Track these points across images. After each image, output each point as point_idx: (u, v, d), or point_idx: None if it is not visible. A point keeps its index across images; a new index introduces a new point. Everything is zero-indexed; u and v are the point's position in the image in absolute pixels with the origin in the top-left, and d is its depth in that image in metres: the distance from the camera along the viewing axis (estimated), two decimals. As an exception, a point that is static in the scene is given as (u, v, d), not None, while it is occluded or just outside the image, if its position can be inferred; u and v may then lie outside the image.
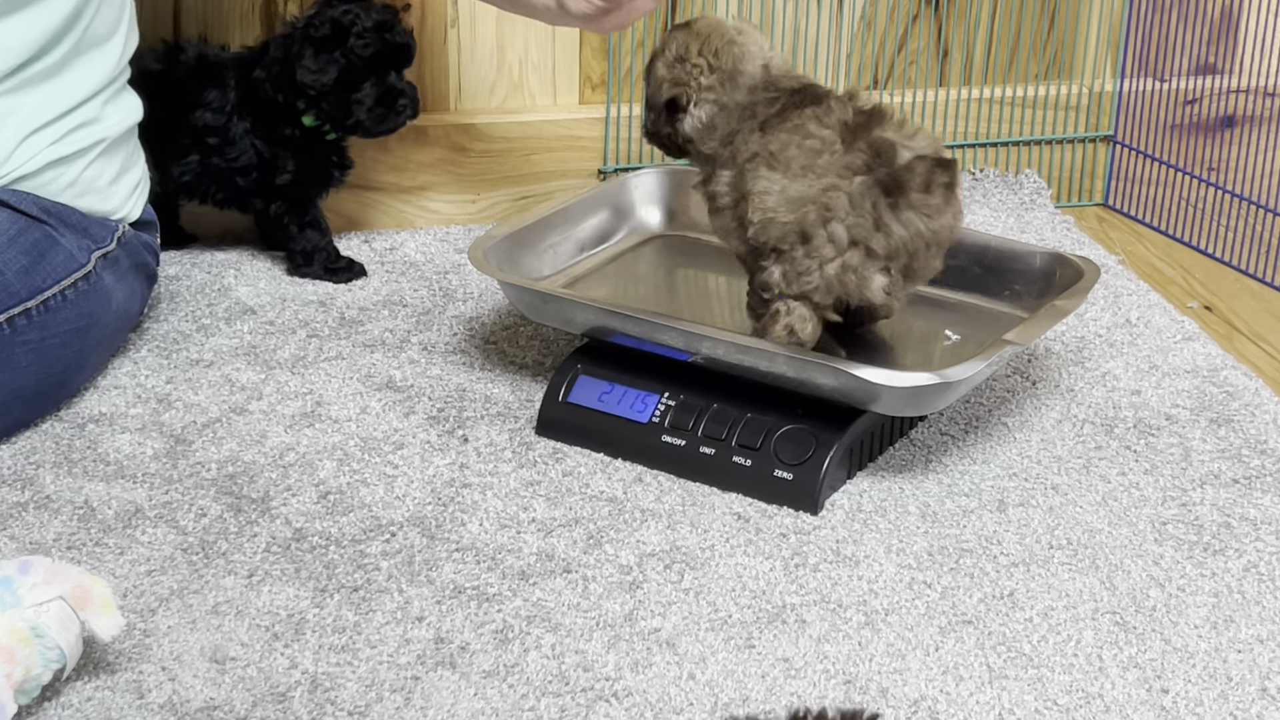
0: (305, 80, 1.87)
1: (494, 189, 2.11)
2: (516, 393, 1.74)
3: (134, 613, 1.39)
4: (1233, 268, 2.09)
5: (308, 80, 1.87)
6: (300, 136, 1.92)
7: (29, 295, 1.62)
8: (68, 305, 1.65)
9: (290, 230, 1.95)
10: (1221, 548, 1.53)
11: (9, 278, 1.60)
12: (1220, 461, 1.67)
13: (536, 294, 1.68)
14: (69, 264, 1.65)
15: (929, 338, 1.77)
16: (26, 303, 1.61)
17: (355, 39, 1.86)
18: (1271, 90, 2.16)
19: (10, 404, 1.61)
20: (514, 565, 1.47)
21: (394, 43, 1.88)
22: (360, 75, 1.88)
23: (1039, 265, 1.77)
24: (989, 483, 1.62)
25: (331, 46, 1.87)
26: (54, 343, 1.64)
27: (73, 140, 1.66)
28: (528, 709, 1.30)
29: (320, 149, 1.94)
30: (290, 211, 1.94)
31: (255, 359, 1.78)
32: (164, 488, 1.56)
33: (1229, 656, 1.39)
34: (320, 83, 1.87)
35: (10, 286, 1.60)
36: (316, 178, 1.95)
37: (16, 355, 1.60)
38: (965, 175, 2.22)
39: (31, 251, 1.63)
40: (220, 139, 1.91)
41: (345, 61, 1.87)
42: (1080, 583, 1.48)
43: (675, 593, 1.45)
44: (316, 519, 1.53)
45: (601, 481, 1.60)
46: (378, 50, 1.88)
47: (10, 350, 1.60)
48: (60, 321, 1.64)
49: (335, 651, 1.36)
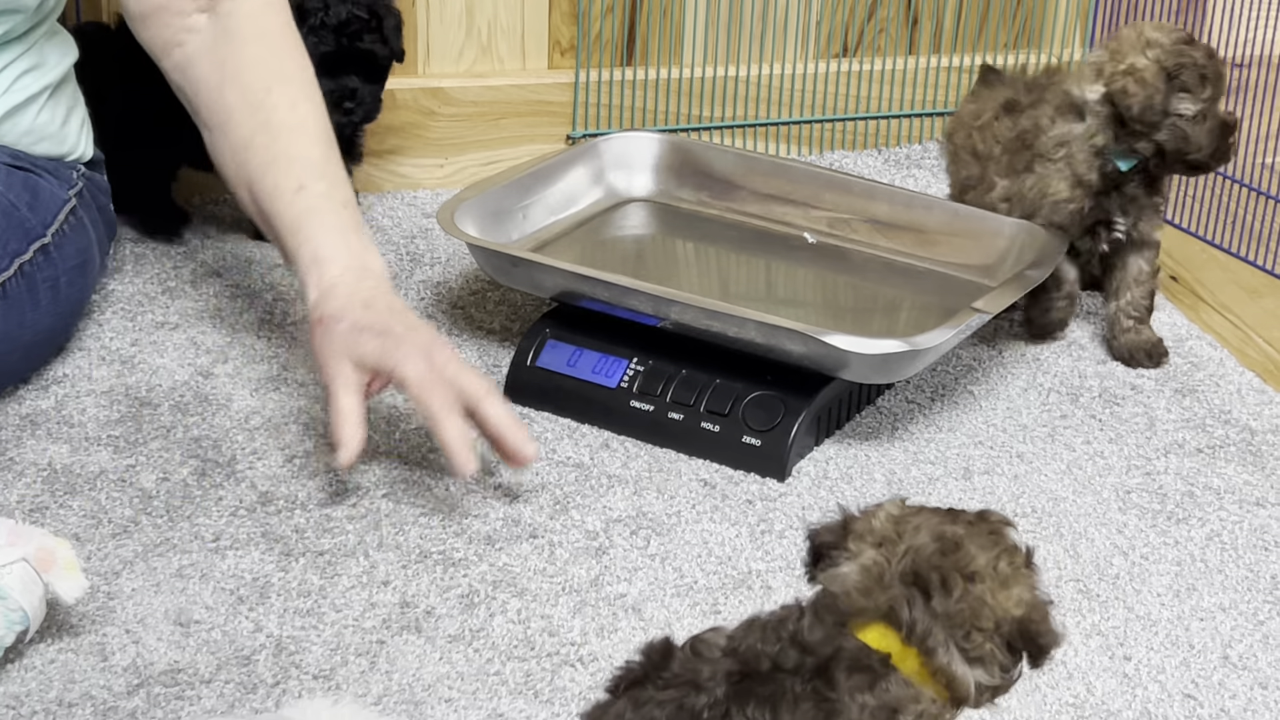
0: None
1: (462, 153, 2.10)
2: (484, 357, 1.74)
3: (98, 575, 1.38)
4: (1199, 239, 2.09)
5: None
6: None
7: (42, 230, 1.61)
8: (67, 241, 1.64)
9: None
10: (1185, 516, 1.54)
11: (24, 212, 1.60)
12: (1184, 431, 1.67)
13: (505, 257, 1.67)
14: (56, 199, 1.65)
15: (896, 305, 1.78)
16: (43, 238, 1.61)
17: (309, 32, 1.75)
18: (1240, 61, 2.16)
19: (35, 345, 1.61)
20: (480, 530, 1.47)
21: (352, 48, 1.78)
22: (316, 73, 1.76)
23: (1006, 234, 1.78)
24: (955, 450, 1.62)
25: None
26: (64, 280, 1.64)
27: (20, 89, 1.65)
28: (493, 673, 1.31)
29: None
30: None
31: (221, 322, 1.77)
32: (129, 450, 1.55)
33: (1191, 624, 1.40)
34: None
35: (27, 221, 1.60)
36: None
37: (40, 293, 1.60)
38: (933, 143, 2.22)
39: (28, 189, 1.62)
40: None
41: None
42: (1044, 550, 1.48)
43: (641, 558, 1.45)
44: (282, 483, 1.52)
45: (568, 447, 1.60)
46: (329, 51, 1.78)
47: (36, 288, 1.60)
48: (66, 258, 1.64)
49: (300, 615, 1.36)
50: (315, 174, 1.58)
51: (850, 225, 1.85)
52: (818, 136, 2.20)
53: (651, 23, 2.12)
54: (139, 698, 1.26)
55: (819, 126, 2.20)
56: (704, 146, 1.96)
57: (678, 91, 2.14)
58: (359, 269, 1.54)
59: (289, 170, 1.58)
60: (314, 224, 1.56)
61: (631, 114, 2.13)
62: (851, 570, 0.98)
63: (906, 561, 0.96)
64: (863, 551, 0.98)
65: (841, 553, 0.99)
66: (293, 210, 1.57)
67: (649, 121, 2.14)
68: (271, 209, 1.58)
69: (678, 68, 2.14)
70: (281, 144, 1.59)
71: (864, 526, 1.00)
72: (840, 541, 1.00)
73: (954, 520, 0.99)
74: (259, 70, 1.61)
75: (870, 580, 0.97)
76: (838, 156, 2.20)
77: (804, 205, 1.87)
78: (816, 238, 1.84)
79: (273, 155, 1.59)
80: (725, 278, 1.83)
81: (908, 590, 0.95)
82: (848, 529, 1.01)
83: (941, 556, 0.96)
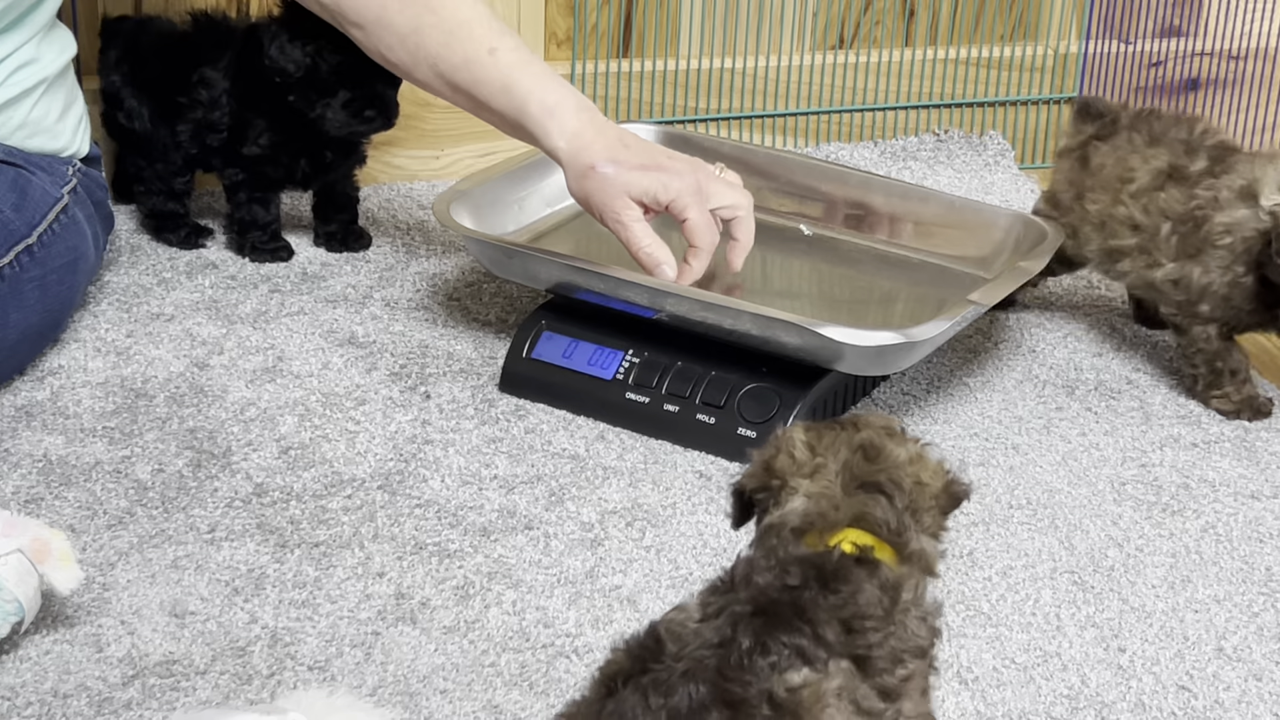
0: (269, 64, 1.77)
1: (458, 145, 2.10)
2: (479, 349, 1.74)
3: (93, 566, 1.38)
4: (1195, 231, 2.09)
5: (270, 65, 1.77)
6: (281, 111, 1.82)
7: (28, 231, 1.61)
8: (56, 240, 1.64)
9: (239, 196, 1.87)
10: (1180, 509, 1.54)
11: (7, 214, 1.60)
12: (1180, 425, 1.67)
13: (501, 249, 1.67)
14: (47, 199, 1.65)
15: (892, 297, 1.78)
16: (27, 239, 1.61)
17: (325, 43, 1.75)
18: (1236, 53, 2.16)
19: (20, 344, 1.61)
20: (475, 522, 1.47)
21: (372, 62, 1.74)
22: (327, 79, 1.78)
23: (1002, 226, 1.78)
24: (950, 442, 1.62)
25: (306, 39, 1.76)
26: (52, 279, 1.63)
27: (15, 82, 1.65)
28: (488, 664, 1.31)
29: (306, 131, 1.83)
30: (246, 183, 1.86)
31: (216, 313, 1.77)
32: (124, 442, 1.55)
33: (1186, 616, 1.40)
34: (284, 72, 1.77)
35: (11, 224, 1.60)
36: (284, 157, 1.85)
37: (25, 293, 1.60)
38: (929, 136, 2.23)
39: (16, 188, 1.62)
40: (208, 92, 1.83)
41: (310, 62, 1.77)
42: (1039, 542, 1.48)
43: (637, 550, 1.45)
44: (277, 474, 1.52)
45: (564, 439, 1.60)
46: (346, 62, 1.76)
47: (20, 288, 1.60)
48: (54, 256, 1.64)
49: (295, 606, 1.36)
50: (498, 33, 1.66)
51: (846, 217, 1.85)
52: (814, 128, 2.20)
53: (648, 14, 2.12)
54: (134, 689, 1.26)
55: (815, 118, 2.20)
56: (700, 138, 1.96)
57: (674, 83, 2.14)
58: (589, 108, 1.64)
59: (472, 37, 1.64)
60: (527, 78, 1.63)
61: (628, 106, 2.13)
62: (798, 502, 1.05)
63: (847, 476, 1.05)
64: (799, 485, 1.05)
65: (771, 495, 1.07)
66: (496, 72, 1.63)
67: (645, 113, 2.14)
68: (470, 79, 1.64)
69: (674, 59, 2.14)
70: (449, 16, 1.65)
71: (785, 464, 1.07)
72: (767, 484, 1.07)
73: (856, 429, 1.08)
74: None
75: (825, 504, 1.04)
76: (834, 149, 2.20)
77: (800, 197, 1.87)
78: (812, 230, 1.84)
79: (448, 29, 1.65)
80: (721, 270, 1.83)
81: (870, 497, 1.04)
82: (770, 470, 1.07)
83: (873, 462, 1.05)
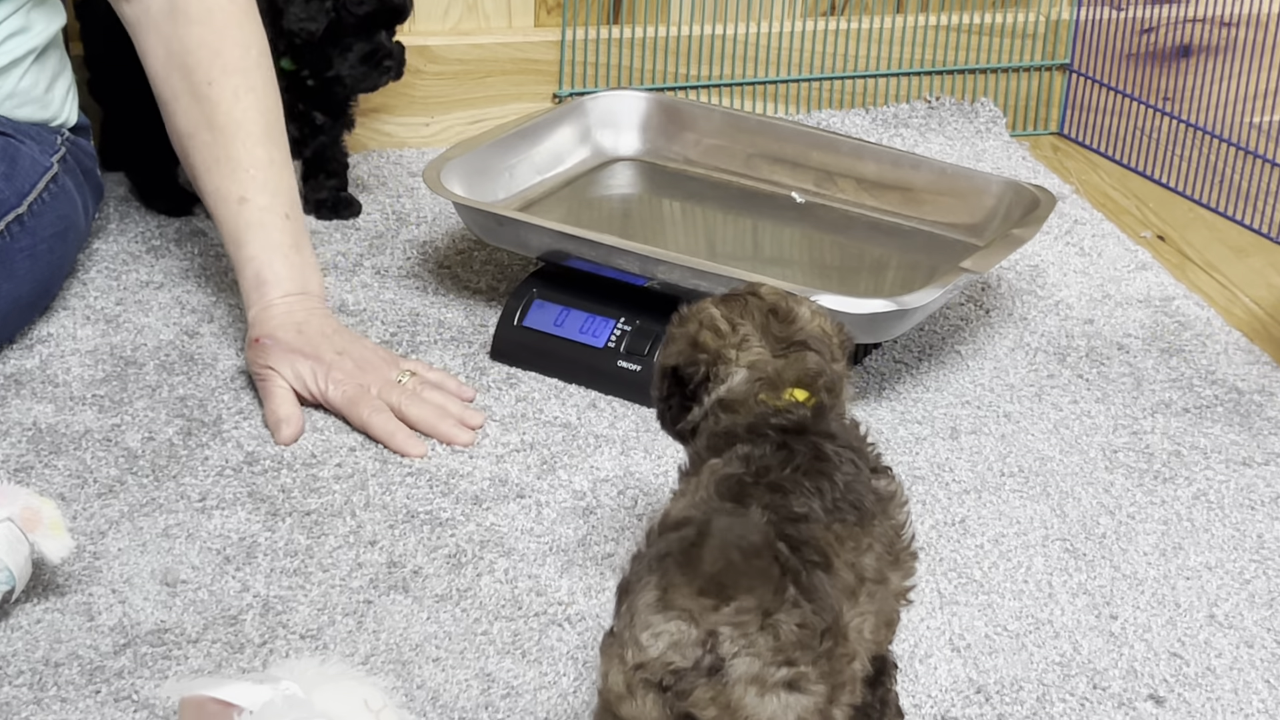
0: (292, 27, 1.78)
1: (448, 112, 2.09)
2: (470, 317, 1.73)
3: (84, 535, 1.38)
4: (1187, 198, 2.09)
5: (294, 27, 1.78)
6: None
7: (18, 200, 1.61)
8: (46, 209, 1.63)
9: None
10: (1171, 476, 1.54)
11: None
12: (1171, 391, 1.67)
13: (491, 216, 1.67)
14: (36, 168, 1.64)
15: (883, 265, 1.77)
16: (17, 209, 1.60)
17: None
18: (1228, 20, 2.16)
19: (10, 313, 1.60)
20: (467, 490, 1.47)
21: (391, 4, 1.80)
22: (349, 31, 1.80)
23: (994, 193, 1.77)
24: (942, 410, 1.62)
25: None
26: (42, 248, 1.63)
27: (5, 52, 1.64)
28: (480, 633, 1.31)
29: (294, 97, 1.82)
30: None
31: (206, 281, 1.77)
32: (114, 410, 1.55)
33: (1177, 583, 1.41)
34: (307, 31, 1.78)
35: (0, 193, 1.58)
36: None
37: (16, 263, 1.59)
38: (921, 103, 2.22)
39: (5, 158, 1.61)
40: None
41: (335, 15, 1.79)
42: (1031, 510, 1.48)
43: (629, 518, 1.45)
44: (268, 442, 1.52)
45: (555, 407, 1.59)
46: (372, 10, 1.80)
47: (11, 258, 1.59)
48: (44, 226, 1.63)
49: (287, 575, 1.36)
50: (258, 184, 1.60)
51: (838, 184, 1.84)
52: (805, 95, 2.19)
53: (638, -20, 2.11)
54: (126, 657, 1.26)
55: (806, 85, 2.19)
56: (691, 105, 1.96)
57: (665, 50, 2.13)
58: (299, 293, 1.59)
59: (232, 177, 1.60)
60: (257, 242, 1.59)
61: (619, 72, 2.12)
62: (742, 373, 1.14)
63: (770, 339, 1.15)
64: (734, 356, 1.15)
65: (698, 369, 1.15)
66: (236, 222, 1.60)
67: (636, 80, 2.13)
68: (214, 213, 1.62)
69: (665, 26, 2.13)
70: (223, 144, 1.61)
71: (710, 338, 1.16)
72: (695, 359, 1.16)
73: (759, 297, 1.18)
74: (202, 55, 1.61)
75: (767, 370, 1.14)
76: (825, 115, 2.19)
77: (791, 164, 1.86)
78: (804, 197, 1.84)
79: (215, 157, 1.61)
80: (712, 237, 1.83)
81: (815, 354, 1.15)
82: (697, 345, 1.16)
83: (791, 325, 1.16)
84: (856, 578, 1.05)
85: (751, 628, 0.97)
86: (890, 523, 1.10)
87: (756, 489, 1.05)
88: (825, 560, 1.02)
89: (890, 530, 1.10)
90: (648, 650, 0.98)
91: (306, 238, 1.63)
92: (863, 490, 1.08)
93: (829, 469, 1.07)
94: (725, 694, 0.97)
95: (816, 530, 1.03)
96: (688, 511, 1.04)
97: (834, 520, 1.05)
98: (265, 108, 1.62)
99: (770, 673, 0.97)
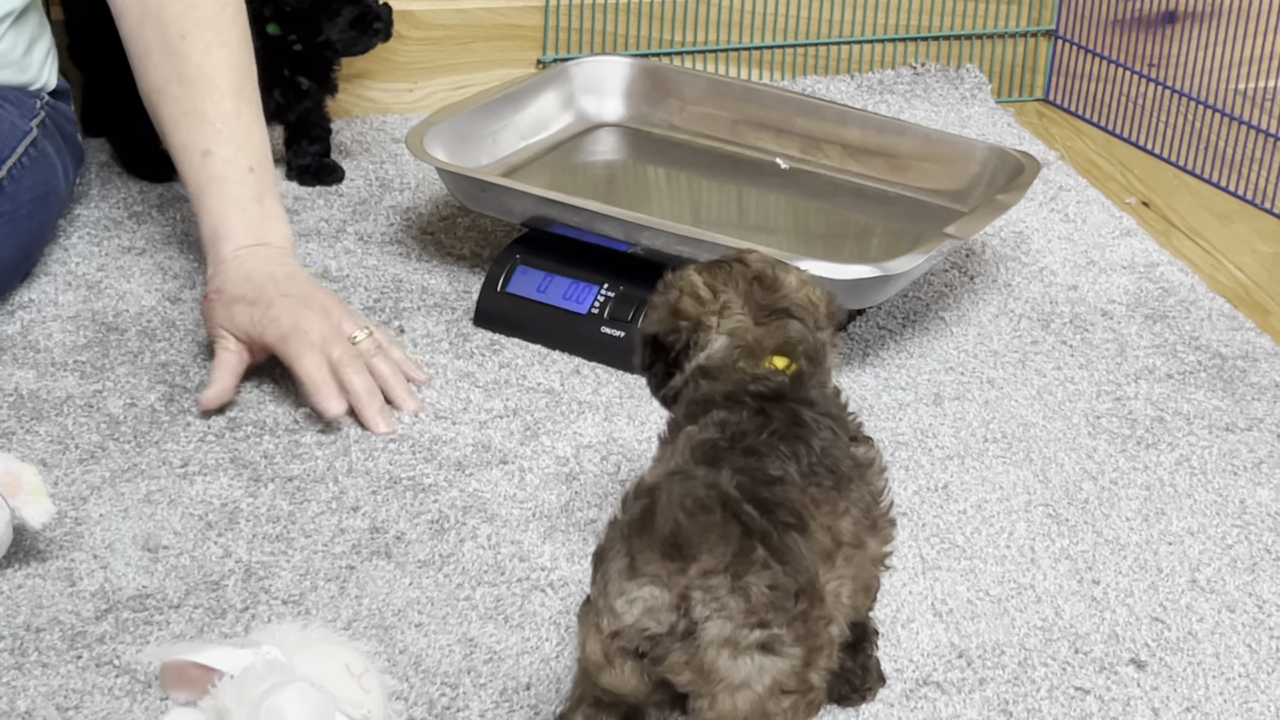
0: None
1: (431, 78, 2.08)
2: (454, 283, 1.73)
3: (65, 500, 1.38)
4: (1171, 164, 2.09)
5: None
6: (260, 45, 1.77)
7: None
8: (26, 174, 1.63)
9: None
10: (1154, 441, 1.55)
11: None
12: (1155, 357, 1.68)
13: (475, 181, 1.66)
14: (15, 132, 1.63)
15: (868, 231, 1.77)
16: None
17: None
18: (1214, -14, 2.15)
19: None
20: (450, 456, 1.47)
21: None
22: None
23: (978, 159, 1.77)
24: (925, 376, 1.62)
25: None
26: (22, 214, 1.62)
27: None
28: (463, 598, 1.31)
29: (279, 62, 1.82)
30: None
31: (188, 247, 1.76)
32: (95, 376, 1.54)
33: (1159, 549, 1.41)
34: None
35: None
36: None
37: None
38: (906, 69, 2.21)
39: None
40: None
41: None
42: (1014, 475, 1.49)
43: (612, 484, 1.44)
44: (250, 408, 1.51)
45: (539, 373, 1.59)
46: None
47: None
48: (24, 190, 1.62)
49: (270, 540, 1.36)
50: (223, 137, 1.58)
51: (823, 150, 1.84)
52: (790, 61, 2.19)
53: (623, -55, 2.10)
54: (107, 623, 1.26)
55: (791, 51, 2.18)
56: (675, 71, 1.95)
57: (649, 15, 2.12)
58: (254, 244, 1.56)
59: (199, 130, 1.58)
60: (215, 195, 1.57)
61: (603, 38, 2.11)
62: (721, 340, 1.14)
63: (753, 306, 1.14)
64: (714, 324, 1.14)
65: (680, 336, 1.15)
66: (198, 176, 1.58)
67: (620, 45, 2.12)
68: (180, 168, 1.60)
69: (649, -9, 2.12)
70: (192, 98, 1.59)
71: (691, 305, 1.15)
72: (676, 326, 1.15)
73: (745, 264, 1.17)
74: (177, 8, 1.60)
75: (747, 337, 1.13)
76: (810, 81, 2.18)
77: (776, 130, 1.86)
78: (789, 163, 1.84)
79: (183, 110, 1.59)
80: (696, 203, 1.82)
81: (797, 322, 1.14)
82: (678, 312, 1.15)
83: (775, 292, 1.15)
84: (833, 541, 1.05)
85: (722, 590, 0.97)
86: (868, 489, 1.10)
87: (731, 453, 1.04)
88: (800, 522, 1.02)
89: (868, 496, 1.10)
90: (622, 617, 0.98)
91: (273, 191, 1.60)
92: (840, 456, 1.07)
93: (806, 434, 1.07)
94: (699, 657, 0.97)
95: (792, 493, 1.03)
96: (659, 479, 1.04)
97: (810, 484, 1.05)
98: (237, 62, 1.61)
99: (743, 635, 0.97)
